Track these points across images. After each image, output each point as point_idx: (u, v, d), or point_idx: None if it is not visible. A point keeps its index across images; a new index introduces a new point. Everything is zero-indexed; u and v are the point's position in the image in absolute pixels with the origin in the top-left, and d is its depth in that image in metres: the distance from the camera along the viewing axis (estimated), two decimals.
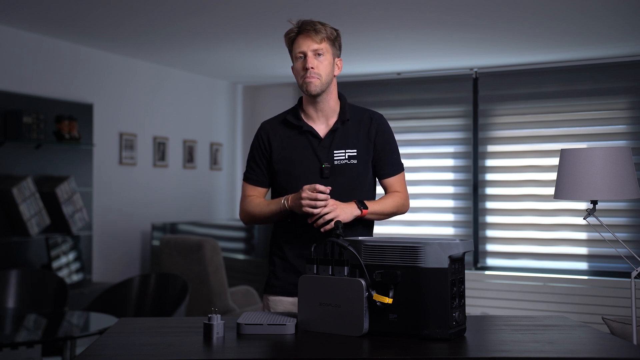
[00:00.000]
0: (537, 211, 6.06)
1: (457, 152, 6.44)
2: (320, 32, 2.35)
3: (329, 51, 2.38)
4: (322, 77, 2.36)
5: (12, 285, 4.38)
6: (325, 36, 2.37)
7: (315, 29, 2.35)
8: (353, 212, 2.31)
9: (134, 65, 6.05)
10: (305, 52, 2.36)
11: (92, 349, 1.84)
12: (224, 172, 7.18)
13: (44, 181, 5.05)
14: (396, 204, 2.46)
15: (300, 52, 2.37)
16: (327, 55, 2.37)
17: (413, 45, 5.50)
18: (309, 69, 2.34)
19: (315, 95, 2.38)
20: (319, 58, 2.36)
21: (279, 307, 2.42)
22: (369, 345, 1.88)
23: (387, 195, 2.49)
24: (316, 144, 2.42)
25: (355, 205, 2.33)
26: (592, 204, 3.13)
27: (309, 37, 2.36)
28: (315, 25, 2.36)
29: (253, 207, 2.46)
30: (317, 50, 2.35)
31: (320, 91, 2.38)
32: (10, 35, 4.95)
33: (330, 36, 2.38)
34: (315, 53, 2.36)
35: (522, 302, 5.90)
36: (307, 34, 2.36)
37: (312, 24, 2.36)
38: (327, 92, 2.41)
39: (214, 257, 5.26)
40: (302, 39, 2.37)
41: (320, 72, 2.36)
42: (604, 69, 5.90)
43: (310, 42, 2.35)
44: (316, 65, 2.35)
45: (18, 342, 3.39)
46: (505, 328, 2.12)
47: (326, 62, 2.37)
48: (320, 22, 2.39)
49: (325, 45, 2.37)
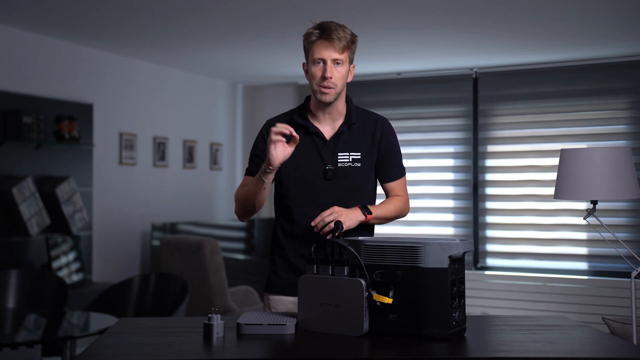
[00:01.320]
0: (537, 211, 6.06)
1: (457, 152, 6.44)
2: (342, 40, 2.30)
3: (347, 59, 2.35)
4: (338, 86, 2.34)
5: (12, 285, 4.38)
6: (346, 44, 2.32)
7: (338, 37, 2.30)
8: (358, 217, 2.30)
9: (134, 65, 6.05)
10: (325, 59, 2.32)
11: (92, 349, 1.84)
12: (224, 172, 7.18)
13: (44, 181, 5.05)
14: (398, 208, 2.47)
15: (320, 59, 2.32)
16: (345, 65, 2.34)
17: (413, 45, 5.51)
18: (327, 78, 2.31)
19: (329, 103, 2.38)
20: (337, 67, 2.32)
21: (280, 307, 2.42)
22: (369, 345, 1.88)
23: (389, 200, 2.49)
24: (321, 146, 2.41)
25: (360, 211, 2.32)
26: (592, 204, 3.13)
27: (331, 45, 2.30)
28: (339, 33, 2.30)
29: (242, 191, 2.42)
30: (337, 59, 2.32)
31: (333, 100, 2.36)
32: (10, 35, 4.95)
33: (351, 44, 2.34)
34: (334, 62, 2.32)
35: (522, 302, 5.90)
36: (330, 42, 2.30)
37: (335, 32, 2.30)
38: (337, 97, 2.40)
39: (214, 257, 5.26)
40: (323, 45, 2.31)
41: (337, 82, 2.33)
42: (604, 69, 5.90)
43: (331, 51, 2.31)
44: (334, 75, 2.32)
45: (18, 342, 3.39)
46: (505, 328, 2.12)
47: (344, 71, 2.34)
48: (342, 27, 2.33)
49: (346, 55, 2.33)
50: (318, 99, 2.37)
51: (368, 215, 2.33)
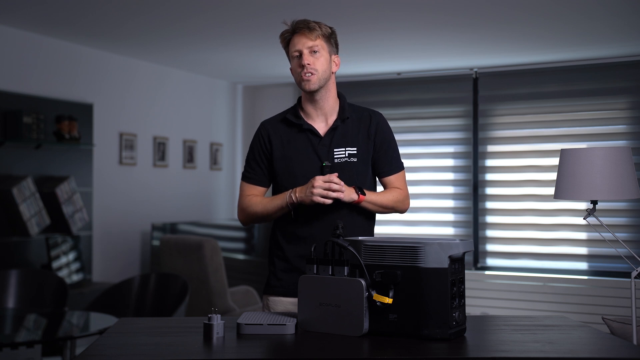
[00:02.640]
0: (537, 211, 6.06)
1: (457, 152, 6.44)
2: (314, 29, 2.38)
3: (325, 48, 2.40)
4: (319, 72, 2.38)
5: (12, 285, 4.38)
6: (320, 34, 2.39)
7: (309, 27, 2.38)
8: (352, 195, 2.33)
9: (134, 65, 6.05)
10: (300, 50, 2.38)
11: (92, 349, 1.84)
12: (224, 172, 7.18)
13: (44, 181, 5.05)
14: (395, 198, 2.47)
15: (296, 51, 2.39)
16: (322, 52, 2.39)
17: (413, 45, 5.50)
18: (305, 65, 2.37)
19: (313, 91, 2.40)
20: (315, 55, 2.38)
21: (279, 308, 2.42)
22: (369, 345, 1.88)
23: (387, 190, 2.50)
24: (316, 142, 2.42)
25: (354, 190, 2.34)
26: (592, 204, 3.13)
27: (303, 35, 2.38)
28: (309, 24, 2.38)
29: (254, 204, 2.45)
30: (312, 47, 2.37)
31: (317, 87, 2.39)
32: (10, 35, 4.95)
33: (325, 33, 2.41)
34: (310, 50, 2.38)
35: (522, 302, 5.90)
36: (302, 33, 2.38)
37: (305, 22, 2.39)
38: (325, 89, 2.42)
39: (214, 257, 5.26)
40: (296, 37, 2.40)
41: (316, 67, 2.37)
42: (604, 69, 5.90)
43: (305, 40, 2.38)
44: (312, 61, 2.37)
45: (18, 342, 3.39)
46: (505, 328, 2.12)
47: (322, 58, 2.39)
48: (314, 21, 2.41)
49: (320, 42, 2.39)
50: (302, 88, 2.41)
51: (361, 196, 2.35)
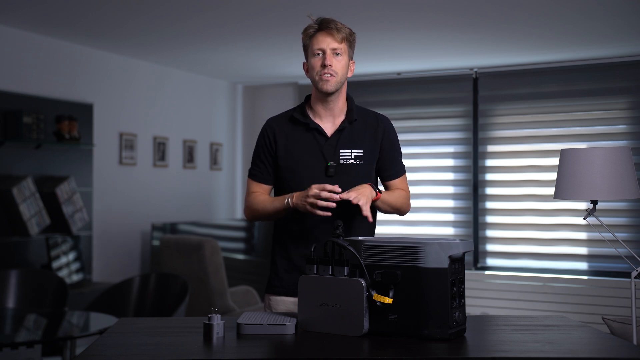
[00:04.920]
0: (537, 211, 6.06)
1: (457, 152, 6.44)
2: (341, 31, 2.36)
3: (346, 52, 2.40)
4: (339, 75, 2.37)
5: (12, 285, 4.38)
6: (345, 36, 2.38)
7: (337, 28, 2.36)
8: (372, 193, 2.33)
9: (134, 65, 6.05)
10: (324, 49, 2.36)
11: (92, 349, 1.84)
12: (224, 172, 7.18)
13: (44, 181, 5.05)
14: (403, 200, 2.49)
15: (319, 49, 2.37)
16: (344, 56, 2.39)
17: (413, 45, 5.51)
18: (327, 65, 2.35)
19: (329, 93, 2.39)
20: (337, 57, 2.37)
21: (280, 307, 2.42)
22: (369, 345, 1.88)
23: (394, 190, 2.51)
24: (323, 142, 2.42)
25: (371, 187, 2.34)
26: (592, 204, 3.13)
27: (330, 35, 2.36)
28: (337, 24, 2.37)
29: (257, 203, 2.46)
30: (337, 49, 2.36)
31: (334, 90, 2.38)
32: (10, 35, 4.95)
33: (349, 37, 2.40)
34: (334, 52, 2.36)
35: (522, 302, 5.90)
36: (329, 32, 2.36)
37: (334, 22, 2.37)
38: (339, 92, 2.42)
39: (214, 257, 5.26)
40: (322, 36, 2.37)
41: (337, 70, 2.36)
42: (604, 69, 5.90)
43: (330, 40, 2.36)
44: (334, 63, 2.36)
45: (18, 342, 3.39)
46: (505, 328, 2.12)
47: (343, 62, 2.38)
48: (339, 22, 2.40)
49: (344, 45, 2.38)
50: (319, 88, 2.38)
51: (378, 193, 2.35)
